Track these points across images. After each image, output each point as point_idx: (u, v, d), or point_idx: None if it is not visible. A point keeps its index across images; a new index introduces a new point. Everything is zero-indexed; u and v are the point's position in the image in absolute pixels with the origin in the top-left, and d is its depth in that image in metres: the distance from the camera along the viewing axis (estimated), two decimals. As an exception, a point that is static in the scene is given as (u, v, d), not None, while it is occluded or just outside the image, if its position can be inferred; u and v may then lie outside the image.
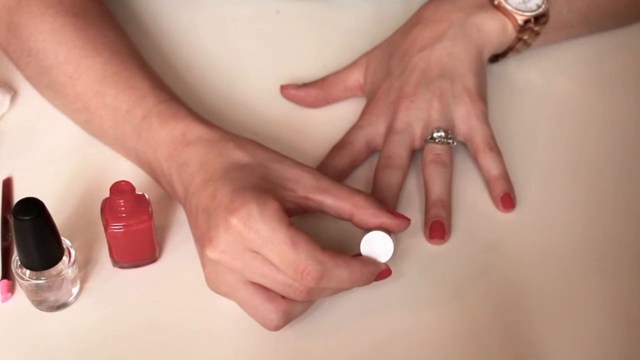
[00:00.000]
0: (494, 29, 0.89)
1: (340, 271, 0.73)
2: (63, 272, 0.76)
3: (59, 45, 0.85)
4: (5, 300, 0.78)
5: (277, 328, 0.74)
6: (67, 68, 0.85)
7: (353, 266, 0.73)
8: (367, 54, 0.92)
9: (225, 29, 0.98)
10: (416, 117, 0.85)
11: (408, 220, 0.77)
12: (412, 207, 0.84)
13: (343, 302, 0.78)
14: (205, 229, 0.74)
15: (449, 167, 0.85)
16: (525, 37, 0.90)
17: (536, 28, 0.90)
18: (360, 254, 0.76)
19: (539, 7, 0.89)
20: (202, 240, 0.74)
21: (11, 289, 0.79)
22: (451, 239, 0.82)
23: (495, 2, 0.89)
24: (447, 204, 0.83)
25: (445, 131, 0.85)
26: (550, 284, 0.80)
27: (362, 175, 0.87)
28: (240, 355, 0.76)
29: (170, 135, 0.80)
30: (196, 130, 0.79)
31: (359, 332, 0.77)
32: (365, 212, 0.76)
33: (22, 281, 0.76)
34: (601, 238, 0.83)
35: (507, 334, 0.77)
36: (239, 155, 0.77)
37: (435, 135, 0.85)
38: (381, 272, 0.76)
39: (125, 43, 0.88)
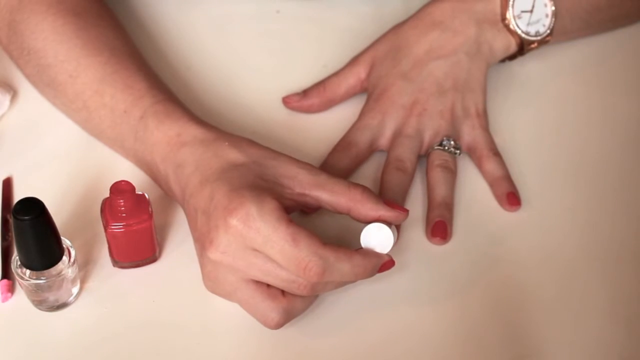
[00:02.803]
0: (500, 48, 0.90)
1: (343, 265, 0.73)
2: (63, 272, 0.76)
3: (59, 44, 0.85)
4: (5, 300, 0.78)
5: (278, 326, 0.74)
6: (66, 67, 0.85)
7: (355, 259, 0.73)
8: (372, 49, 0.91)
9: (225, 28, 0.98)
10: (427, 125, 0.87)
11: (406, 211, 0.77)
12: (412, 206, 0.84)
13: (343, 300, 0.78)
14: (205, 231, 0.74)
15: (454, 173, 0.86)
16: (526, 53, 0.92)
17: (537, 46, 0.91)
18: (361, 247, 0.76)
19: (545, 28, 0.90)
20: (202, 241, 0.74)
21: (11, 289, 0.79)
22: (452, 240, 0.82)
23: (505, 22, 0.90)
24: (451, 208, 0.84)
25: (454, 140, 0.86)
26: (551, 284, 0.80)
27: (365, 176, 0.87)
28: (240, 354, 0.76)
29: (166, 136, 0.80)
30: (191, 131, 0.80)
31: (359, 330, 0.77)
32: (363, 205, 0.76)
33: (22, 281, 0.76)
34: (602, 238, 0.83)
35: (507, 334, 0.77)
36: (234, 155, 0.77)
37: (444, 142, 0.86)
38: (384, 264, 0.76)
39: (125, 43, 0.88)
